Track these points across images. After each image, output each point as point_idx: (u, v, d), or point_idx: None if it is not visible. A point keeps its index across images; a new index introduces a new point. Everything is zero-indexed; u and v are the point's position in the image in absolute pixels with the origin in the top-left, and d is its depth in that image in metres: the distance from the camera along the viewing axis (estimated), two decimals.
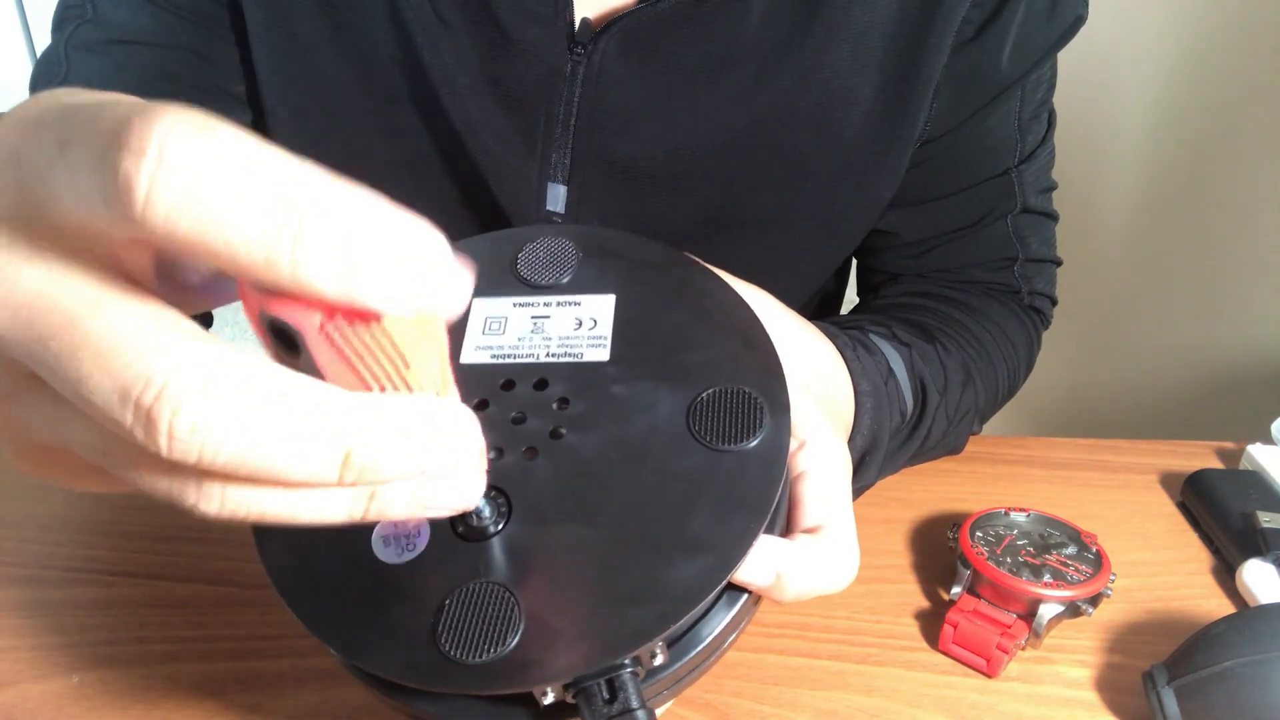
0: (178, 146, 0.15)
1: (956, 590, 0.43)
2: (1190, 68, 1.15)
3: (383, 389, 0.18)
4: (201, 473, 0.17)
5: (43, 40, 1.33)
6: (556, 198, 0.52)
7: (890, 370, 0.47)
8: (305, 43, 0.50)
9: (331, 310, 0.17)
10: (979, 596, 0.43)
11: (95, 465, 0.19)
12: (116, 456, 0.18)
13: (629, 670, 0.25)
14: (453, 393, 0.20)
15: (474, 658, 0.24)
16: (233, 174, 0.15)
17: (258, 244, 0.15)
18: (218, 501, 0.18)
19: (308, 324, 0.17)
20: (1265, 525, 0.47)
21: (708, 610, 0.28)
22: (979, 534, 0.45)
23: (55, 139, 0.16)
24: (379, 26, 0.49)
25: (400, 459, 0.18)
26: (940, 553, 0.49)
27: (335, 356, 0.17)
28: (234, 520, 0.19)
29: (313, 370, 0.17)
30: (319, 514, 0.19)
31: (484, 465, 0.21)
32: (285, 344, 0.17)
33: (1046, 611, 0.41)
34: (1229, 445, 0.59)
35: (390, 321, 0.17)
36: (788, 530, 0.31)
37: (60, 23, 0.52)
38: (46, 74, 0.51)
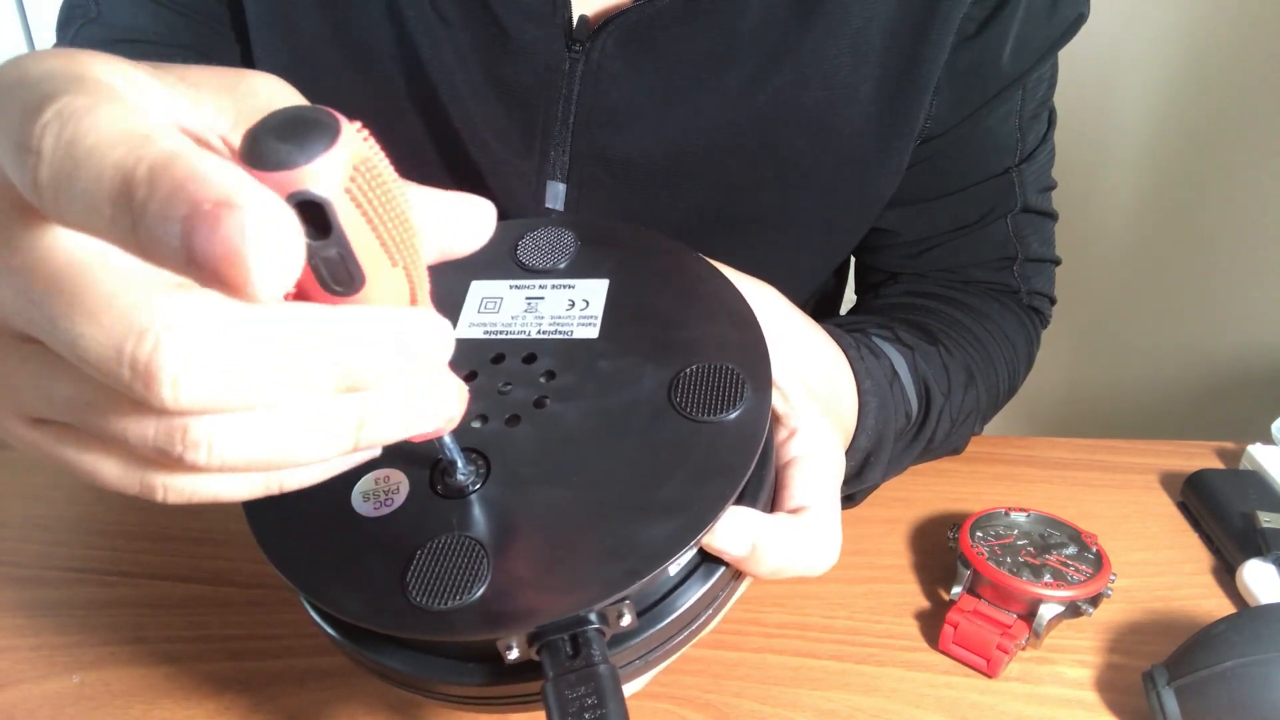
0: (50, 141, 0.16)
1: (957, 590, 0.43)
2: (1191, 67, 1.15)
3: (402, 261, 0.19)
4: (193, 413, 0.18)
5: (44, 40, 1.33)
6: (556, 195, 0.52)
7: (894, 372, 0.47)
8: (304, 40, 0.50)
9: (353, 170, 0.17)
10: (979, 596, 0.43)
11: (84, 431, 0.19)
12: (103, 414, 0.18)
13: (594, 627, 0.25)
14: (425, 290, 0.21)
15: (439, 604, 0.24)
16: (91, 156, 0.16)
17: (108, 218, 0.16)
18: (205, 446, 0.18)
19: (332, 188, 0.17)
20: (1265, 525, 0.47)
21: (682, 581, 0.28)
22: (979, 534, 0.45)
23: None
24: (378, 24, 0.49)
25: (389, 360, 0.19)
26: (940, 553, 0.49)
27: (361, 219, 0.18)
28: (224, 468, 0.19)
29: (344, 248, 0.18)
30: (310, 449, 0.19)
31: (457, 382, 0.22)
32: (315, 225, 0.17)
33: (1046, 611, 0.41)
34: (1229, 445, 0.59)
35: (393, 182, 0.18)
36: (772, 511, 0.31)
37: (65, 22, 0.52)
38: None
